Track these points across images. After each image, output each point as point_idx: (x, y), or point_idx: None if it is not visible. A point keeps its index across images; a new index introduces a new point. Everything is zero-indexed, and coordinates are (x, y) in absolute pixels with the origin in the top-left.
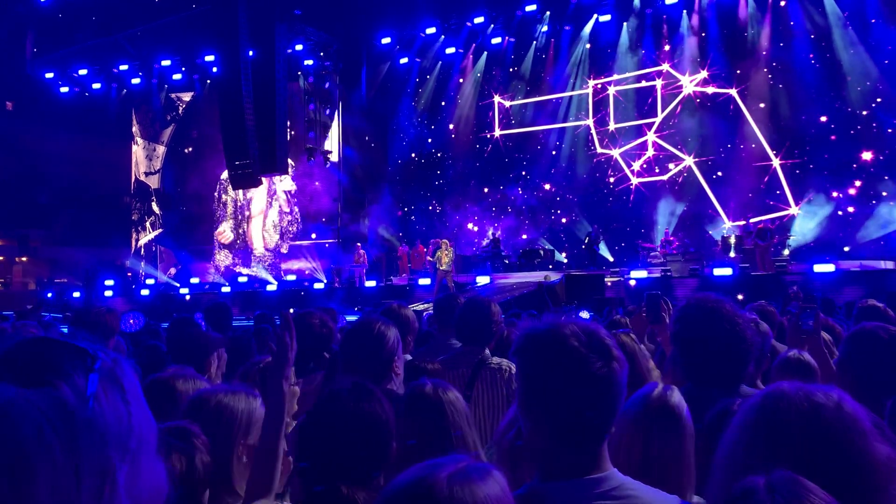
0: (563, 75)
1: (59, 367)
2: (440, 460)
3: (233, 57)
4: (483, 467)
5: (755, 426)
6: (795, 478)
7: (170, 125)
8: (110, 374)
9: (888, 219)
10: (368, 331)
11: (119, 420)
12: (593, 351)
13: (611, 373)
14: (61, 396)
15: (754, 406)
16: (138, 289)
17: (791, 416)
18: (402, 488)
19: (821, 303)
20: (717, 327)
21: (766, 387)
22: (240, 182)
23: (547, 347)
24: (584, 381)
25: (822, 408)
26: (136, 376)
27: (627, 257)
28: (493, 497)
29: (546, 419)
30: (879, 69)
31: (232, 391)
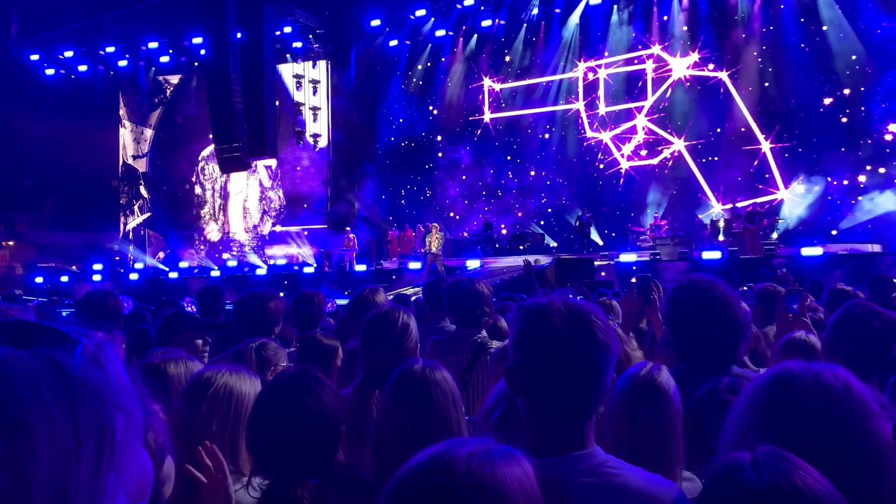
0: (553, 58)
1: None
2: (464, 439)
3: (220, 39)
4: (508, 450)
5: (765, 407)
6: (781, 453)
7: (157, 108)
8: (93, 359)
9: (876, 202)
10: (392, 322)
11: None
12: (576, 329)
13: (594, 351)
14: (54, 356)
15: (763, 387)
16: (127, 273)
17: (803, 398)
18: (420, 464)
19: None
20: (709, 309)
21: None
22: (229, 165)
23: (531, 324)
24: (565, 359)
25: (832, 389)
26: (121, 362)
27: (617, 241)
28: (515, 479)
29: (529, 395)
30: (868, 52)
31: (236, 371)
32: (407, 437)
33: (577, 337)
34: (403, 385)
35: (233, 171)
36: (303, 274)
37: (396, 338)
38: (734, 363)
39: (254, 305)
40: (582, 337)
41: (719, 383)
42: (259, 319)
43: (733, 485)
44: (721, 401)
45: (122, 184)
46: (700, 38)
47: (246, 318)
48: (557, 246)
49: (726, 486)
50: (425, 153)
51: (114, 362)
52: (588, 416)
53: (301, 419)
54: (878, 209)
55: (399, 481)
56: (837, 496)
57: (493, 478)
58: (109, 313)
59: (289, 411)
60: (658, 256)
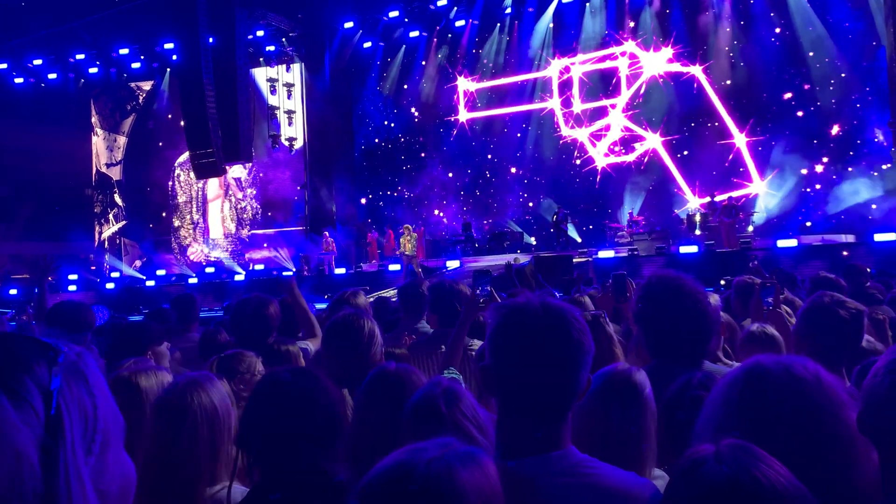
0: (527, 57)
1: (22, 361)
2: (425, 444)
3: (192, 44)
4: (468, 452)
5: (739, 402)
6: (745, 445)
7: (130, 115)
8: (74, 368)
9: (848, 193)
10: (357, 330)
11: (84, 414)
12: (550, 328)
13: (567, 351)
14: None
15: (735, 382)
16: (103, 282)
17: (775, 391)
18: (383, 471)
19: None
20: (678, 305)
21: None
22: (203, 171)
23: (505, 323)
24: (538, 358)
25: (804, 381)
26: (100, 370)
27: (595, 237)
28: (474, 484)
29: (502, 394)
30: (837, 45)
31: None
32: (382, 439)
33: (550, 336)
34: (378, 386)
35: (208, 177)
36: (282, 278)
37: (364, 346)
38: (705, 358)
39: (252, 311)
40: (556, 336)
41: (692, 379)
42: (257, 325)
43: (695, 478)
44: (693, 397)
45: (96, 192)
46: (672, 33)
47: (242, 324)
48: (536, 244)
49: (689, 480)
50: (402, 154)
51: (94, 372)
52: (563, 416)
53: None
54: (851, 200)
55: (363, 490)
56: (799, 488)
57: (451, 484)
58: (79, 324)
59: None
60: (636, 252)
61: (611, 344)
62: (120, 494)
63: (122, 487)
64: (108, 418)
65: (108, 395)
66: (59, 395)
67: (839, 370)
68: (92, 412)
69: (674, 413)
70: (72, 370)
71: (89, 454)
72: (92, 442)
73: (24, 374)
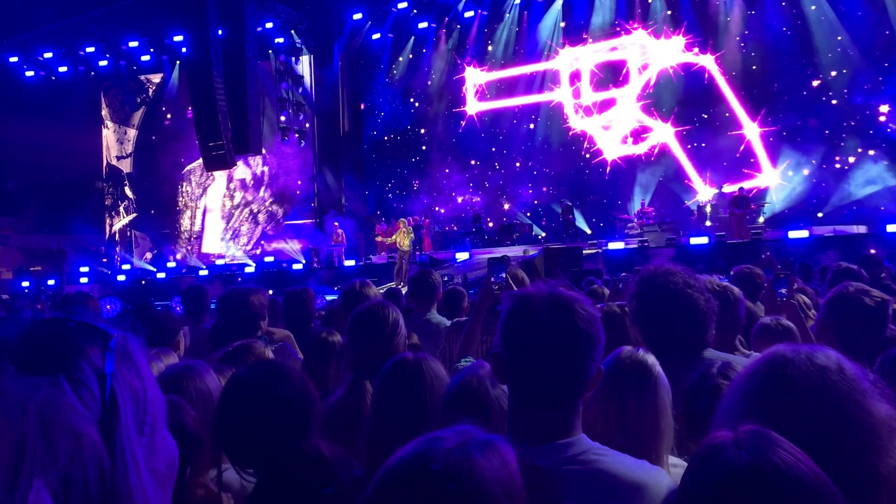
0: (536, 48)
1: (77, 346)
2: (443, 433)
3: (202, 36)
4: (486, 440)
5: (760, 392)
6: (764, 432)
7: (140, 108)
8: (123, 352)
9: (860, 184)
10: (382, 319)
11: (136, 396)
12: (557, 317)
13: (573, 340)
14: None
15: (756, 372)
16: (114, 274)
17: (799, 381)
18: (401, 462)
19: (798, 268)
20: (669, 298)
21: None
22: (213, 164)
23: (514, 312)
24: (544, 347)
25: (826, 370)
26: (144, 353)
27: (605, 229)
28: (493, 472)
29: (512, 382)
30: (850, 35)
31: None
32: (399, 427)
33: (556, 325)
34: (397, 374)
35: (217, 169)
36: (291, 271)
37: (387, 335)
38: (706, 346)
39: (235, 301)
40: (562, 325)
41: (711, 368)
42: (242, 315)
43: (714, 464)
44: (713, 386)
45: (107, 185)
46: (683, 23)
47: (229, 316)
48: (546, 236)
49: (708, 466)
50: (411, 146)
51: (139, 355)
52: (572, 404)
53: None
54: (863, 191)
55: (381, 480)
56: (819, 475)
57: (471, 474)
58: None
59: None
60: (646, 243)
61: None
62: (167, 472)
63: (169, 465)
64: (156, 400)
65: (152, 377)
66: (113, 379)
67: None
68: (143, 394)
69: (694, 402)
70: (122, 354)
71: (141, 434)
72: (143, 423)
73: (81, 359)
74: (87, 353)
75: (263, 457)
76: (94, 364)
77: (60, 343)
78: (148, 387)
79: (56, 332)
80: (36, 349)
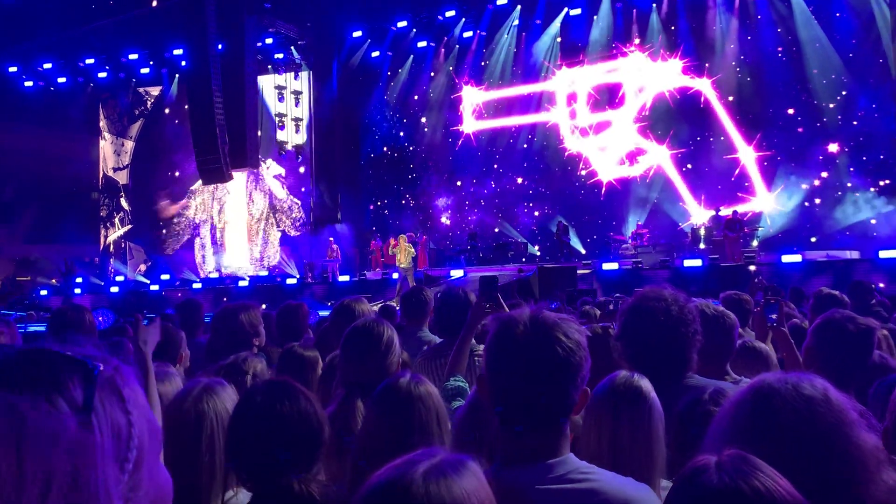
0: (534, 69)
1: (56, 379)
2: (414, 456)
3: (202, 51)
4: (458, 460)
5: (747, 422)
6: (746, 456)
7: (138, 120)
8: (110, 384)
9: (853, 210)
10: (376, 336)
11: (118, 432)
12: (536, 342)
13: (553, 365)
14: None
15: (744, 402)
16: (108, 285)
17: (784, 411)
18: (379, 489)
19: (791, 292)
20: (651, 321)
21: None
22: (210, 177)
23: (497, 335)
24: (524, 371)
25: (812, 400)
26: (137, 382)
27: (599, 249)
28: (470, 490)
29: (496, 405)
30: (844, 63)
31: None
32: (387, 452)
33: (537, 353)
34: (388, 399)
35: (214, 182)
36: (285, 285)
37: (381, 353)
38: (688, 371)
39: (227, 318)
40: (542, 354)
41: (702, 394)
42: (234, 332)
43: (695, 485)
44: (705, 412)
45: (103, 196)
46: (680, 46)
47: (222, 333)
48: (541, 254)
49: (689, 487)
50: (408, 163)
51: (131, 385)
52: (557, 426)
53: (278, 425)
54: (856, 216)
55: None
56: (798, 499)
57: (450, 494)
58: (82, 329)
59: (265, 418)
60: (640, 265)
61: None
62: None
63: (157, 496)
64: (144, 432)
65: (144, 406)
66: (93, 415)
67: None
68: (126, 430)
69: (686, 428)
70: (106, 387)
71: (123, 472)
72: (125, 460)
73: (58, 394)
74: (66, 387)
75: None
76: (71, 399)
77: (41, 375)
78: (134, 421)
79: (36, 365)
80: (11, 382)
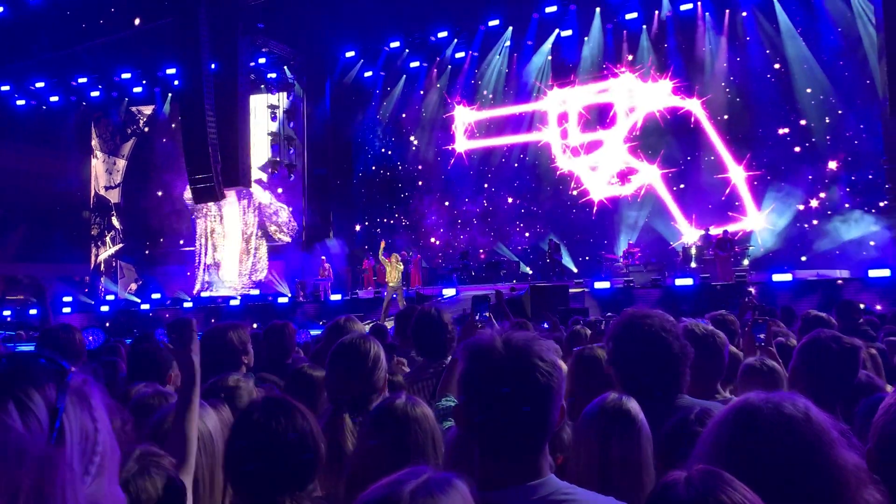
0: (525, 89)
1: (33, 377)
2: (401, 476)
3: (195, 70)
4: (444, 478)
5: (730, 442)
6: (715, 472)
7: (130, 138)
8: (79, 391)
9: (843, 230)
10: (363, 353)
11: (85, 434)
12: (516, 368)
13: (535, 393)
14: None
15: (726, 421)
16: (98, 305)
17: (765, 431)
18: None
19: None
20: (642, 342)
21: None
22: (202, 196)
23: (471, 364)
24: (503, 398)
25: (793, 419)
26: (103, 399)
27: (591, 268)
28: None
29: (475, 433)
30: (832, 83)
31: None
32: (382, 473)
33: (515, 379)
34: (383, 420)
35: (206, 201)
36: (277, 304)
37: (368, 369)
38: (679, 392)
39: (216, 337)
40: (521, 378)
41: (689, 414)
42: (223, 351)
43: (664, 500)
44: (691, 433)
45: (94, 215)
46: (670, 67)
47: (210, 352)
48: (533, 273)
49: (658, 502)
50: (400, 182)
51: (97, 400)
52: (538, 449)
53: (275, 442)
54: (846, 235)
55: None
56: None
57: None
58: (71, 350)
59: (262, 434)
60: (632, 283)
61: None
62: None
63: None
64: (107, 446)
65: (108, 424)
66: (64, 413)
67: (834, 405)
68: (93, 435)
69: (673, 448)
70: (77, 392)
71: (86, 474)
72: (90, 463)
73: (33, 387)
74: (41, 385)
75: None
76: (46, 395)
77: (17, 373)
78: (100, 429)
79: (15, 363)
80: None
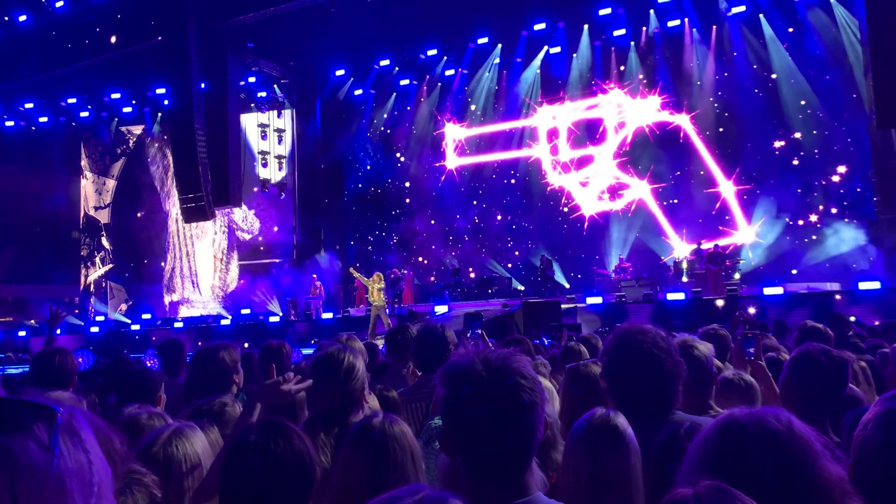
0: (515, 106)
1: (23, 424)
2: (397, 493)
3: (184, 89)
4: (439, 497)
5: (714, 457)
6: (723, 487)
7: (120, 159)
8: (69, 427)
9: (832, 243)
10: (337, 362)
11: (81, 468)
12: (500, 390)
13: (522, 407)
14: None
15: (710, 437)
16: (88, 326)
17: (748, 446)
18: None
19: (774, 325)
20: (635, 360)
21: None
22: (192, 215)
23: (451, 388)
24: (487, 421)
25: (777, 434)
26: (90, 427)
27: (583, 284)
28: None
29: (460, 455)
30: (818, 97)
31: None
32: (365, 492)
33: (500, 401)
34: (362, 439)
35: (196, 220)
36: (268, 323)
37: (341, 379)
38: (673, 408)
39: (206, 358)
40: (505, 400)
41: (679, 430)
42: (213, 372)
43: None
44: (680, 448)
45: (84, 235)
46: (658, 83)
47: (200, 373)
48: (525, 289)
49: None
50: (391, 199)
51: (85, 429)
52: (524, 467)
53: (271, 464)
54: (836, 249)
55: None
56: None
57: None
58: (64, 375)
59: (258, 456)
60: (623, 298)
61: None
62: None
63: None
64: (101, 472)
65: (98, 450)
66: (59, 454)
67: (824, 418)
68: (87, 467)
69: (662, 464)
70: (67, 429)
71: None
72: (89, 495)
73: (26, 437)
74: (32, 431)
75: None
76: (39, 441)
77: (6, 422)
78: (93, 459)
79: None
80: None
